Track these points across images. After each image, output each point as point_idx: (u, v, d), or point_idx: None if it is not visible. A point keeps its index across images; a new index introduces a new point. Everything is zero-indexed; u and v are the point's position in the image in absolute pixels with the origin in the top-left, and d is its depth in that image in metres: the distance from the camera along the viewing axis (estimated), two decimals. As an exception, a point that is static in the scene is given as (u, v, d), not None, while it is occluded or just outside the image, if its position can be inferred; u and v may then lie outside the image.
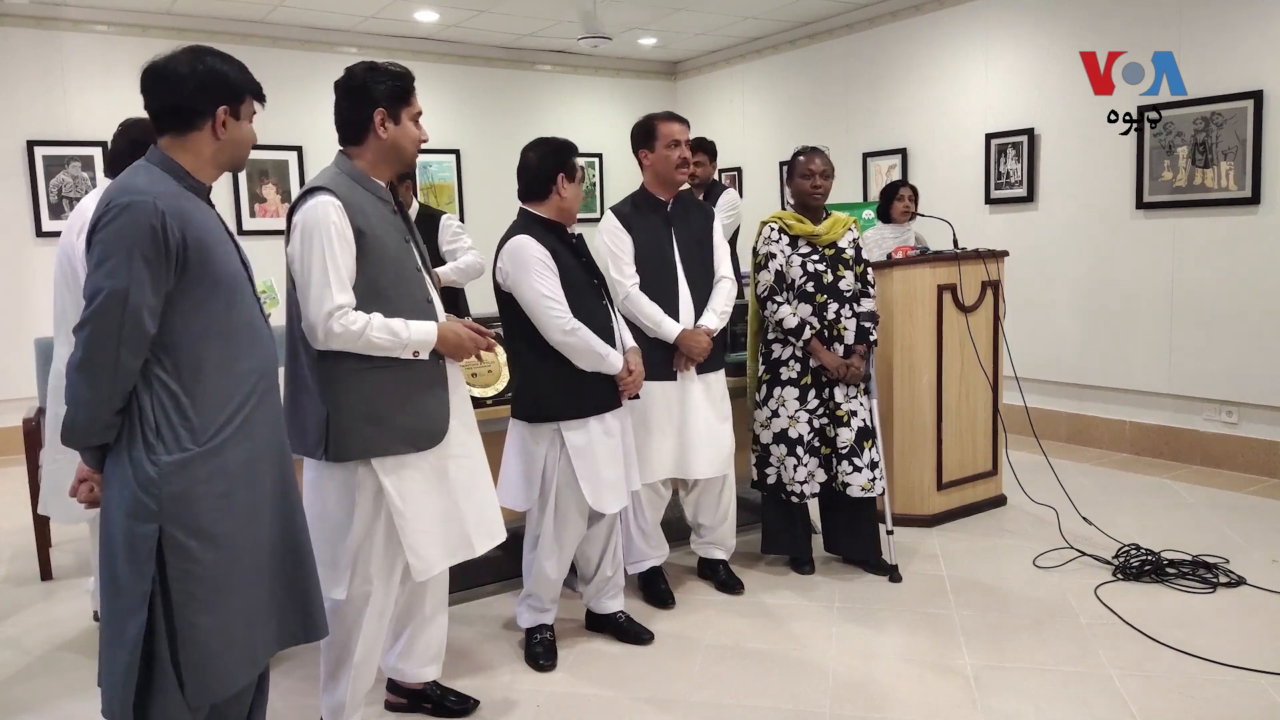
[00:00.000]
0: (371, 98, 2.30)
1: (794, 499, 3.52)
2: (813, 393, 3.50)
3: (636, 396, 3.03)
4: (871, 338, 3.56)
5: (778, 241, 3.53)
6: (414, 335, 2.28)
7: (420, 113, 2.39)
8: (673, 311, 3.24)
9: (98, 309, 1.70)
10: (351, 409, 2.26)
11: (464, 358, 2.44)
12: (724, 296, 3.36)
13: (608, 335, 2.89)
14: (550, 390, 2.85)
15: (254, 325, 1.91)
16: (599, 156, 8.14)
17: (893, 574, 3.59)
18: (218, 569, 1.80)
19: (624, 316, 3.14)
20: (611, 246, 3.24)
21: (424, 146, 2.45)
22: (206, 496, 1.78)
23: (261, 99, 1.95)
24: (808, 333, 3.44)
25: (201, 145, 1.86)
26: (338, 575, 2.34)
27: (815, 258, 3.50)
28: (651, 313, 3.19)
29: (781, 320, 3.46)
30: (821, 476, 3.52)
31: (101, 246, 1.71)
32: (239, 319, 1.86)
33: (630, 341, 3.03)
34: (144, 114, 1.90)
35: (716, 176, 5.08)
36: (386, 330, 2.24)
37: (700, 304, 3.32)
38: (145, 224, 1.70)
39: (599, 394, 2.87)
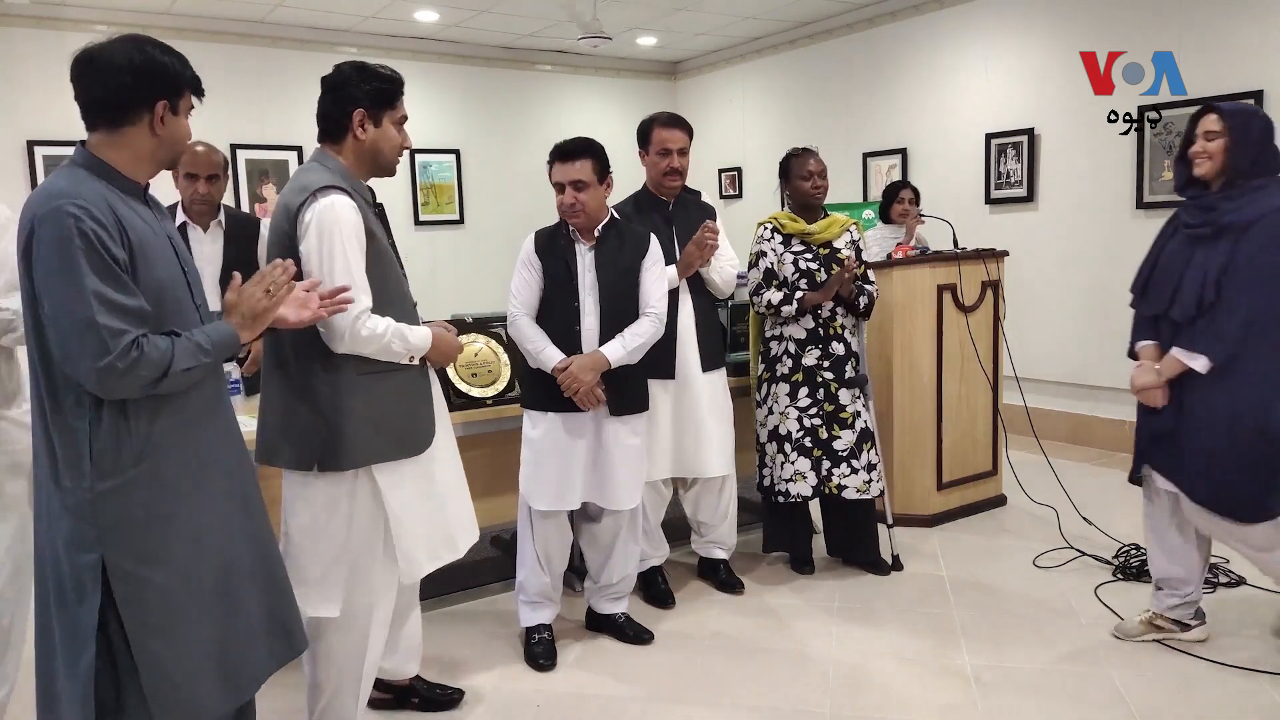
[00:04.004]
0: (353, 97, 2.26)
1: (780, 499, 3.51)
2: (804, 390, 3.49)
3: (625, 410, 2.94)
4: (862, 300, 3.50)
5: (769, 240, 3.54)
6: (414, 340, 2.28)
7: (404, 117, 2.34)
8: (674, 309, 3.24)
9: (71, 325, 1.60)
10: (358, 416, 2.22)
11: (448, 363, 2.44)
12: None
13: (571, 336, 2.88)
14: (525, 380, 3.02)
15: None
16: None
17: (895, 563, 3.61)
18: (168, 592, 1.72)
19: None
20: None
21: (424, 146, 2.44)
22: (149, 520, 1.70)
23: (200, 94, 1.82)
24: (798, 294, 3.42)
25: (138, 141, 1.73)
26: (328, 591, 2.28)
27: (809, 256, 3.50)
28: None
29: (769, 300, 3.46)
30: (812, 479, 3.48)
31: (39, 262, 1.62)
32: (172, 326, 1.73)
33: (613, 350, 2.85)
34: None
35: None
36: (399, 335, 2.24)
37: (702, 303, 3.33)
38: (74, 229, 1.59)
39: (555, 391, 2.86)
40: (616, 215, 3.02)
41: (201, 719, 1.78)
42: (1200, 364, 2.69)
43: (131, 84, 1.70)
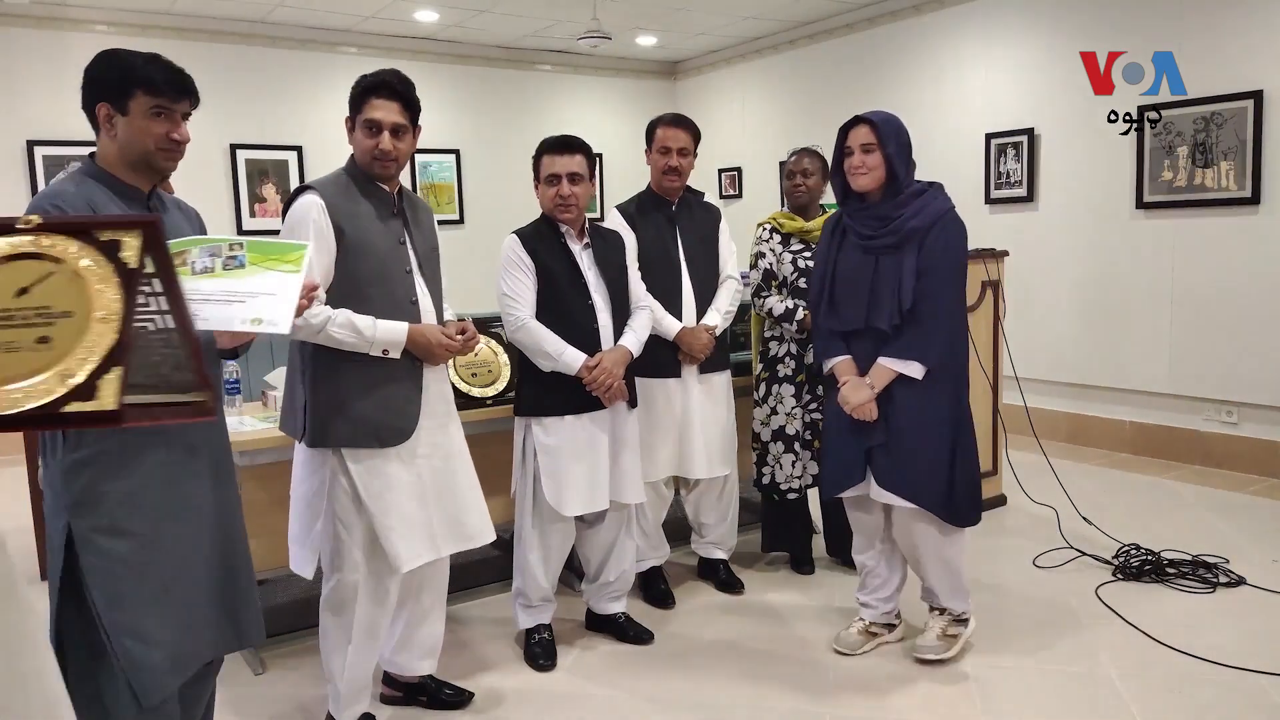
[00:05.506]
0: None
1: (789, 495, 3.52)
2: (807, 389, 3.50)
3: (634, 404, 2.99)
4: None
5: (768, 241, 3.56)
6: (380, 334, 2.33)
7: (371, 122, 2.35)
8: (676, 310, 3.24)
9: None
10: (325, 398, 2.35)
11: (435, 362, 2.46)
12: (728, 295, 3.37)
13: (588, 336, 2.87)
14: (526, 387, 2.93)
15: None
16: (599, 157, 8.13)
17: None
18: (135, 562, 1.78)
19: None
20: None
21: (424, 146, 2.47)
22: (112, 493, 1.77)
23: (157, 92, 1.82)
24: (800, 313, 3.43)
25: (104, 144, 1.85)
26: (308, 555, 2.46)
27: (807, 254, 3.51)
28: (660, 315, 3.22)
29: (771, 309, 3.47)
30: (814, 470, 3.51)
31: None
32: None
33: (631, 342, 2.94)
34: None
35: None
36: (349, 327, 2.30)
37: (704, 302, 3.33)
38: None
39: (571, 394, 2.84)
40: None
41: (166, 689, 1.82)
42: (915, 369, 2.69)
43: (83, 92, 1.84)
